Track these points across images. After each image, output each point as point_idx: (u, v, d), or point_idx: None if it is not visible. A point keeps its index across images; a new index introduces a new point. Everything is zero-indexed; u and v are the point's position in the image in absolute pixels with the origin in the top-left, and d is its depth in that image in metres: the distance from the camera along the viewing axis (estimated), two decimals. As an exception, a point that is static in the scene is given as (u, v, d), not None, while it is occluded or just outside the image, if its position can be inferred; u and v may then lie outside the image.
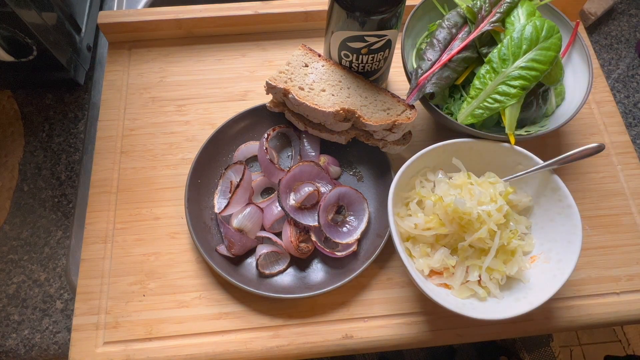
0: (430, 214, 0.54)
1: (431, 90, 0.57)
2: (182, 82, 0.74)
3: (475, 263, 0.53)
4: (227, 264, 0.59)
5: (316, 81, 0.62)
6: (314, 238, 0.59)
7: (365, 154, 0.66)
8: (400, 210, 0.56)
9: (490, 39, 0.59)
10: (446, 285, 0.54)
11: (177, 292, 0.60)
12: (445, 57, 0.58)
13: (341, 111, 0.58)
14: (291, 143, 0.69)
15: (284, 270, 0.60)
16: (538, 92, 0.60)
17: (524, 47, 0.55)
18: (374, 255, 0.57)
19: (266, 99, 0.67)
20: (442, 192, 0.55)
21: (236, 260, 0.60)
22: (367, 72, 0.63)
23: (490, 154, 0.58)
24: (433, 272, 0.55)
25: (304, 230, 0.60)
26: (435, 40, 0.60)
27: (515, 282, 0.54)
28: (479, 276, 0.53)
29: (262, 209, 0.61)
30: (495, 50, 0.56)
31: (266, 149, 0.62)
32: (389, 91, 0.62)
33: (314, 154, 0.65)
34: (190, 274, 0.61)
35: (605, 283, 0.61)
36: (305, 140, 0.65)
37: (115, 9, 0.86)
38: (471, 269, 0.53)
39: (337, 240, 0.59)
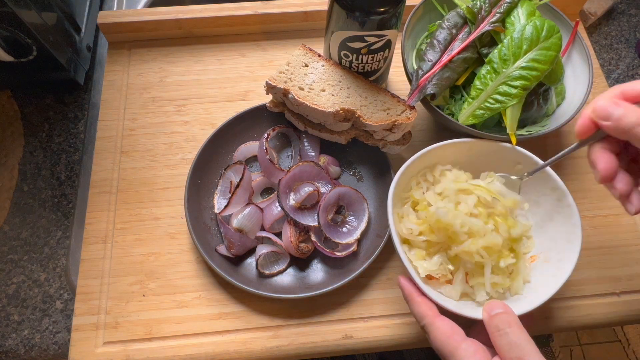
0: (422, 218, 0.54)
1: (432, 92, 0.57)
2: (182, 82, 0.74)
3: (480, 281, 0.51)
4: (227, 264, 0.59)
5: (316, 81, 0.62)
6: (313, 238, 0.59)
7: (365, 154, 0.66)
8: (400, 210, 0.56)
9: (490, 39, 0.59)
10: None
11: (177, 292, 0.60)
12: (445, 58, 0.58)
13: (341, 111, 0.58)
14: (291, 143, 0.69)
15: (284, 270, 0.60)
16: (539, 92, 0.60)
17: (525, 47, 0.55)
18: (374, 255, 0.57)
19: (266, 99, 0.67)
20: (430, 197, 0.54)
21: (236, 260, 0.60)
22: (367, 72, 0.63)
23: (490, 154, 0.58)
24: (431, 277, 0.54)
25: (304, 230, 0.60)
26: (435, 41, 0.59)
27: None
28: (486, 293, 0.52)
29: (262, 209, 0.61)
30: (495, 51, 0.56)
31: (266, 149, 0.62)
32: (389, 91, 0.62)
33: (313, 154, 0.65)
34: (190, 274, 0.61)
35: (605, 283, 0.61)
36: (305, 140, 0.65)
37: (115, 9, 0.86)
38: (477, 288, 0.52)
39: (337, 240, 0.59)
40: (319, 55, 0.64)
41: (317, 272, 0.60)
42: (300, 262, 0.61)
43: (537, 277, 0.53)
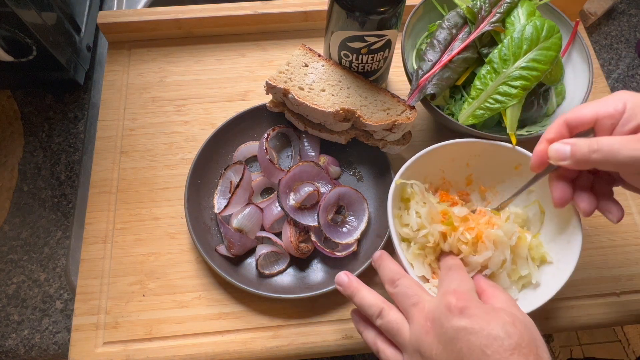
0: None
1: (432, 92, 0.57)
2: (182, 82, 0.74)
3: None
4: (227, 264, 0.59)
5: (316, 81, 0.62)
6: (313, 238, 0.59)
7: (365, 154, 0.66)
8: (400, 210, 0.56)
9: (490, 39, 0.59)
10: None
11: (177, 292, 0.60)
12: (445, 58, 0.58)
13: (341, 111, 0.58)
14: (291, 143, 0.68)
15: (284, 270, 0.60)
16: (539, 92, 0.60)
17: (525, 47, 0.55)
18: (374, 256, 0.57)
19: (266, 99, 0.67)
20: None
21: (236, 261, 0.60)
22: (367, 72, 0.63)
23: (490, 154, 0.58)
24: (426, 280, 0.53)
25: (304, 230, 0.60)
26: (435, 41, 0.59)
27: (515, 282, 0.54)
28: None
29: (262, 209, 0.61)
30: (495, 51, 0.56)
31: (266, 149, 0.62)
32: (389, 91, 0.62)
33: (313, 154, 0.65)
34: (190, 274, 0.61)
35: (605, 283, 0.61)
36: (305, 140, 0.65)
37: (115, 9, 0.86)
38: None
39: (337, 241, 0.59)
40: (319, 55, 0.64)
41: (317, 272, 0.60)
42: (300, 262, 0.61)
43: (537, 277, 0.53)
